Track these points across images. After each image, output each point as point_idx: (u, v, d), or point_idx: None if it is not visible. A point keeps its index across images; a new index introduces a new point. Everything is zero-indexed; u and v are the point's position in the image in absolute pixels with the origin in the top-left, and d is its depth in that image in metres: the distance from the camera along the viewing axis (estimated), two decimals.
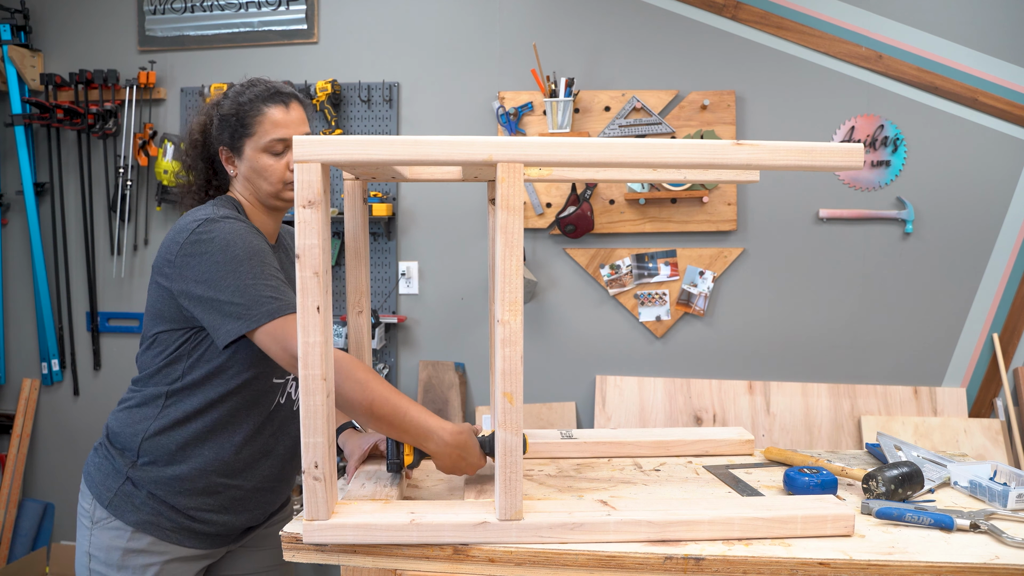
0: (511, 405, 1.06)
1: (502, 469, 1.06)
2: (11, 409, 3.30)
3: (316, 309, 1.08)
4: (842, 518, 1.10)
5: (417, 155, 1.06)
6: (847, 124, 2.80)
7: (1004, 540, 1.08)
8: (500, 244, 1.05)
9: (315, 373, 1.07)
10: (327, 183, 1.11)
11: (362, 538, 1.08)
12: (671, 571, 1.04)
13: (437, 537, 1.07)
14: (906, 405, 2.78)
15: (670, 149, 1.06)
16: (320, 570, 3.13)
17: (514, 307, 1.06)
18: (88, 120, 3.07)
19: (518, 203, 1.05)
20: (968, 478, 1.31)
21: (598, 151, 1.06)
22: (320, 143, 1.06)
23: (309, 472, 1.08)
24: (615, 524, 1.07)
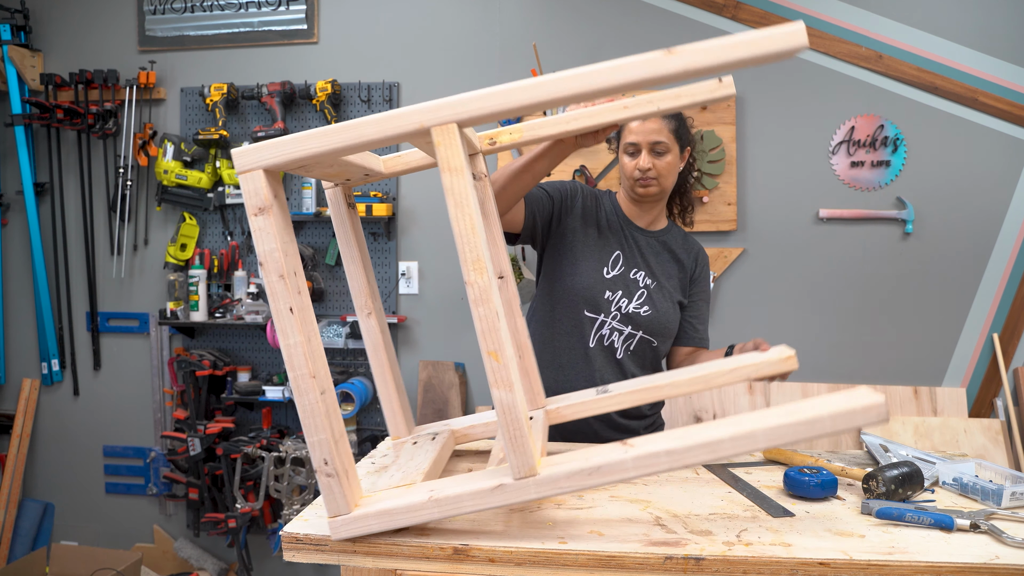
0: (498, 363, 1.04)
1: (505, 429, 1.05)
2: (11, 409, 3.30)
3: (289, 310, 1.06)
4: (873, 407, 1.00)
5: (351, 140, 1.04)
6: (847, 124, 2.80)
7: (1004, 540, 1.08)
8: (451, 207, 1.04)
9: (302, 373, 1.07)
10: (276, 186, 1.09)
11: (386, 524, 1.07)
12: (671, 571, 1.04)
13: (458, 508, 1.06)
14: (906, 405, 2.78)
15: (600, 75, 1.02)
16: (320, 570, 3.13)
17: (477, 265, 1.04)
18: (88, 120, 3.07)
19: (459, 163, 1.04)
20: (953, 476, 1.32)
21: (530, 92, 1.02)
22: (257, 150, 1.05)
23: (320, 471, 1.07)
24: (633, 460, 1.03)
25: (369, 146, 1.08)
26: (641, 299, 1.74)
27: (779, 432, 1.02)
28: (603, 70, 1.01)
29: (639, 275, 1.77)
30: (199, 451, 2.90)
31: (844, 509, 1.23)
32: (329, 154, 1.07)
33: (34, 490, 3.32)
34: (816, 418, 1.01)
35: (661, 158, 1.74)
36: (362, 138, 1.05)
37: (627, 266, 1.77)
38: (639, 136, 1.74)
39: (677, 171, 1.80)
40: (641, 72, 1.00)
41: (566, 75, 1.02)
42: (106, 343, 3.25)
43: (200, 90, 3.06)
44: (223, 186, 3.04)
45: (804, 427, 1.02)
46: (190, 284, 2.99)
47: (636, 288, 1.75)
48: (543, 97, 1.04)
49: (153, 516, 3.25)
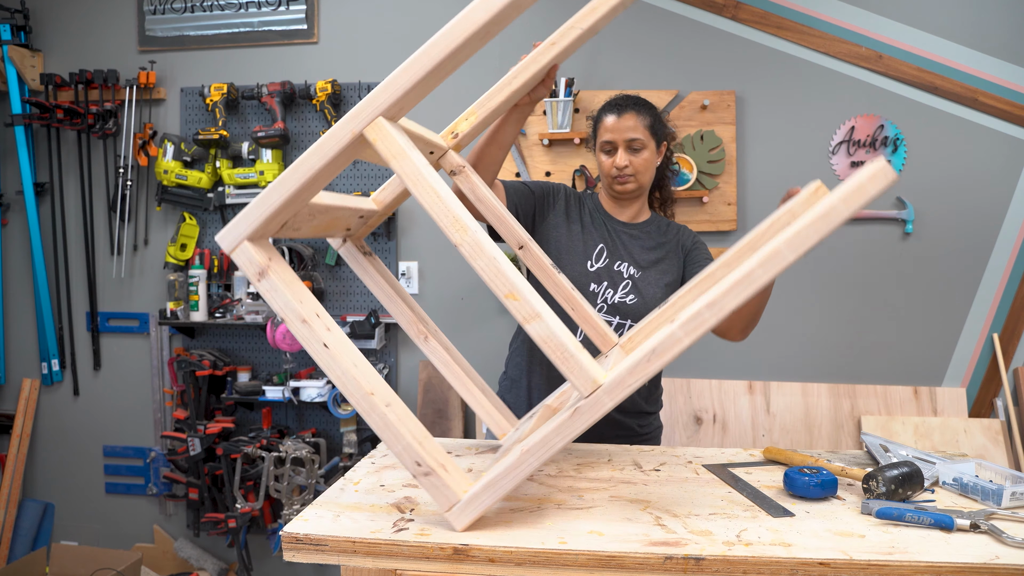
0: (517, 301, 1.04)
1: (554, 355, 1.04)
2: (11, 409, 3.30)
3: (324, 346, 1.08)
4: (879, 173, 1.00)
5: (305, 176, 1.05)
6: (847, 124, 2.81)
7: (1004, 540, 1.08)
8: (411, 187, 1.05)
9: (361, 395, 1.08)
10: (267, 248, 1.11)
11: (495, 493, 1.08)
12: (671, 571, 1.04)
13: (548, 448, 1.07)
14: (906, 405, 2.78)
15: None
16: (320, 570, 3.13)
17: (458, 226, 1.05)
18: (88, 120, 3.07)
19: (397, 149, 1.04)
20: (953, 476, 1.32)
21: (434, 51, 1.02)
22: (233, 226, 1.08)
23: (417, 474, 1.09)
24: (681, 328, 1.02)
25: (325, 176, 1.08)
26: (626, 289, 1.76)
27: (800, 238, 1.01)
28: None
29: (623, 266, 1.79)
30: (199, 451, 2.90)
31: (844, 509, 1.23)
32: (293, 200, 1.08)
33: (34, 490, 3.32)
34: (829, 208, 1.01)
35: (638, 155, 1.77)
36: (312, 170, 1.05)
37: (611, 258, 1.79)
38: (615, 134, 1.76)
39: (654, 166, 1.82)
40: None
41: (457, 17, 1.02)
42: (106, 343, 3.25)
43: (200, 90, 3.06)
44: (223, 186, 3.04)
45: (822, 222, 1.01)
46: (190, 284, 2.99)
47: (620, 279, 1.77)
48: (448, 46, 1.03)
49: (153, 516, 3.25)
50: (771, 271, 1.00)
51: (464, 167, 1.49)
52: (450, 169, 1.50)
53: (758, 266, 0.99)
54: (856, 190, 0.99)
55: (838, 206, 0.99)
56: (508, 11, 1.04)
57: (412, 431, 1.10)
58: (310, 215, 1.21)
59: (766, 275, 1.00)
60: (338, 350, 1.10)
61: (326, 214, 1.28)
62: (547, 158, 2.90)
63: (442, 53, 1.03)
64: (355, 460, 2.91)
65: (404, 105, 1.07)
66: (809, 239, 1.00)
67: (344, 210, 1.35)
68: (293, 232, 1.21)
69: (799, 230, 0.99)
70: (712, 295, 0.99)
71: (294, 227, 1.19)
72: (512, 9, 1.04)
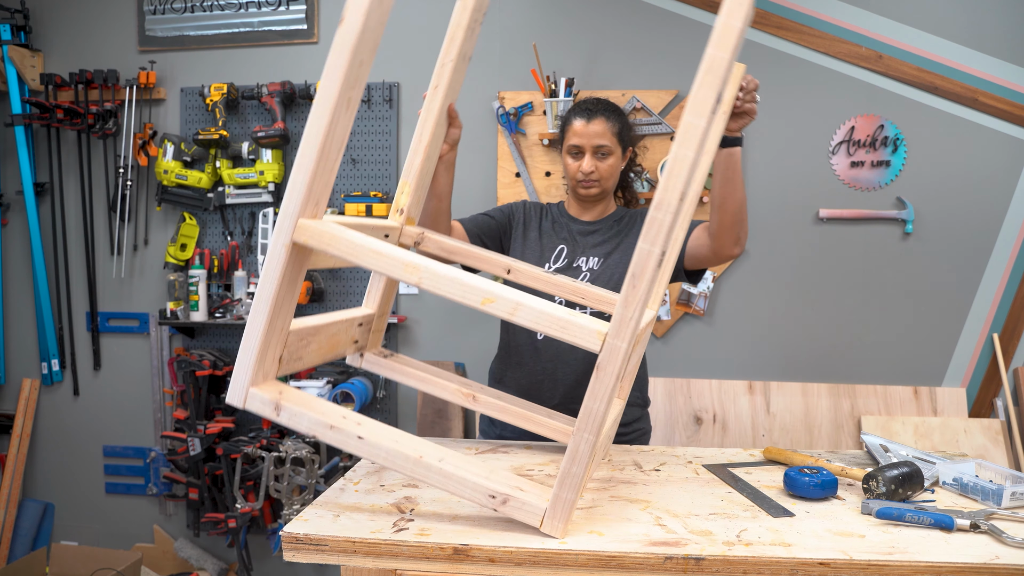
0: (495, 302, 1.05)
1: (554, 332, 1.04)
2: (11, 409, 3.30)
3: (359, 439, 1.14)
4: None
5: (266, 307, 1.09)
6: (847, 124, 2.80)
7: (1004, 540, 1.08)
8: (353, 259, 1.08)
9: (412, 463, 1.11)
10: (273, 385, 1.16)
11: (572, 484, 1.08)
12: (671, 571, 1.04)
13: (596, 416, 1.05)
14: (906, 405, 2.78)
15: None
16: (320, 570, 3.13)
17: (409, 268, 1.07)
18: (88, 120, 3.07)
19: (330, 236, 1.07)
20: (953, 476, 1.32)
21: (310, 142, 1.05)
22: (234, 382, 1.13)
23: (493, 506, 1.10)
24: (645, 240, 1.00)
25: (286, 299, 1.12)
26: (584, 280, 1.77)
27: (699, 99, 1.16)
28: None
29: (582, 261, 1.81)
30: (199, 451, 2.90)
31: (844, 509, 1.23)
32: (270, 332, 1.11)
33: (34, 490, 3.32)
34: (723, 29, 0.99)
35: (604, 160, 1.79)
36: (270, 296, 1.09)
37: (571, 257, 1.82)
38: (582, 139, 1.78)
39: (619, 171, 1.85)
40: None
41: (309, 121, 1.06)
42: (106, 343, 3.25)
43: (200, 90, 3.06)
44: (223, 186, 3.04)
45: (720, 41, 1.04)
46: (190, 284, 2.99)
47: (579, 273, 1.79)
48: (317, 139, 1.06)
49: (153, 516, 3.25)
50: (694, 139, 0.98)
51: (423, 234, 1.53)
52: (412, 242, 1.53)
53: (680, 144, 0.98)
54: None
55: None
56: (343, 104, 1.07)
57: (473, 471, 1.11)
58: (302, 342, 1.24)
59: (692, 141, 0.98)
60: (374, 437, 1.12)
61: (320, 335, 1.30)
62: (547, 158, 2.90)
63: (315, 149, 1.05)
64: (355, 460, 2.91)
65: (316, 200, 1.10)
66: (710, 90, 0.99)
67: (337, 324, 1.37)
68: (298, 365, 1.24)
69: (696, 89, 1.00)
70: (657, 197, 0.99)
71: (296, 358, 1.23)
72: (345, 111, 1.08)
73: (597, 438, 1.05)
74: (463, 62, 1.50)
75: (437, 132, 1.54)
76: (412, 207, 1.53)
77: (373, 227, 1.37)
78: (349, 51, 1.04)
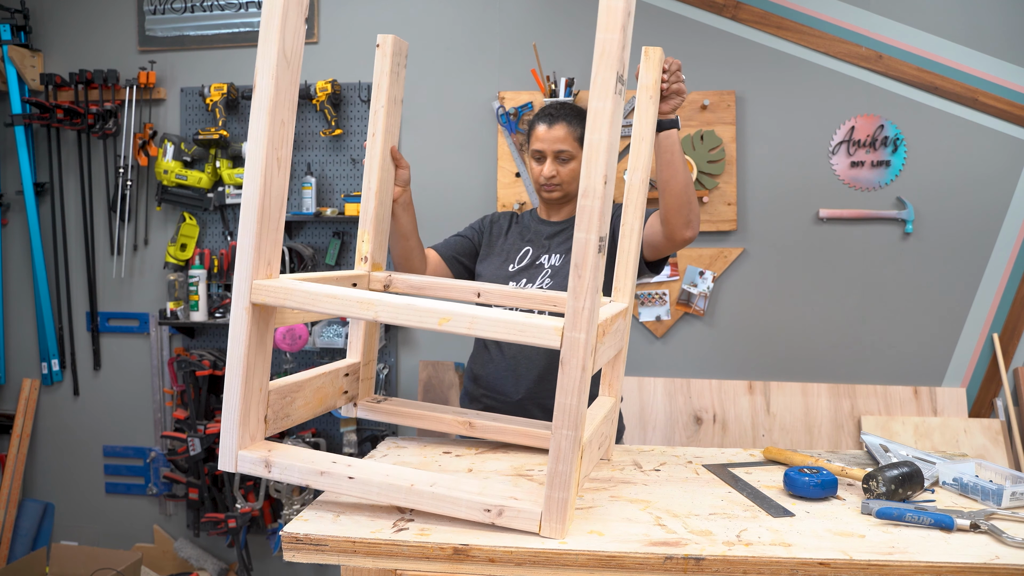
0: (451, 320, 1.08)
1: (513, 336, 1.07)
2: (11, 409, 3.30)
3: (350, 479, 1.21)
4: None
5: (239, 367, 1.17)
6: (847, 124, 2.80)
7: (1004, 540, 1.08)
8: (312, 307, 1.14)
9: (405, 493, 1.14)
10: (261, 445, 1.21)
11: (563, 482, 1.08)
12: (671, 571, 1.04)
13: (572, 412, 1.05)
14: (906, 405, 2.78)
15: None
16: (320, 570, 3.13)
17: (363, 304, 1.11)
18: (88, 120, 3.07)
19: (284, 291, 1.15)
20: (953, 476, 1.32)
21: (249, 210, 1.15)
22: (223, 449, 1.20)
23: (490, 520, 1.11)
24: (580, 230, 1.03)
25: (259, 359, 1.18)
26: (545, 276, 1.81)
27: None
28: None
29: (545, 259, 1.83)
30: (199, 451, 2.90)
31: (844, 509, 1.23)
32: (248, 394, 1.18)
33: (34, 490, 3.32)
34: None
35: (565, 165, 1.82)
36: (241, 358, 1.17)
37: (534, 257, 1.84)
38: (544, 144, 1.80)
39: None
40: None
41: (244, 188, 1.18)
42: (106, 343, 3.25)
43: (200, 90, 3.06)
44: (223, 186, 3.04)
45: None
46: (190, 284, 2.99)
47: (540, 271, 1.82)
48: (255, 204, 1.13)
49: (153, 516, 3.25)
50: (603, 122, 1.00)
51: (390, 276, 1.59)
52: (382, 286, 1.59)
53: (591, 130, 1.00)
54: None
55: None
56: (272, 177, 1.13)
57: (466, 489, 1.13)
58: (286, 399, 1.28)
59: (601, 125, 1.00)
60: (364, 474, 1.15)
61: (304, 390, 1.34)
62: None
63: (255, 212, 1.11)
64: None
65: (268, 260, 1.15)
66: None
67: (321, 377, 1.42)
68: (286, 422, 1.29)
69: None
70: (581, 186, 1.02)
71: (282, 416, 1.27)
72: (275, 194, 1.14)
73: (578, 433, 1.05)
74: (395, 105, 1.57)
75: (385, 177, 1.58)
76: (375, 253, 1.58)
77: (339, 278, 1.43)
78: (267, 114, 1.10)
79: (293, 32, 1.12)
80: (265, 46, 1.10)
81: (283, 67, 1.10)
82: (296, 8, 1.12)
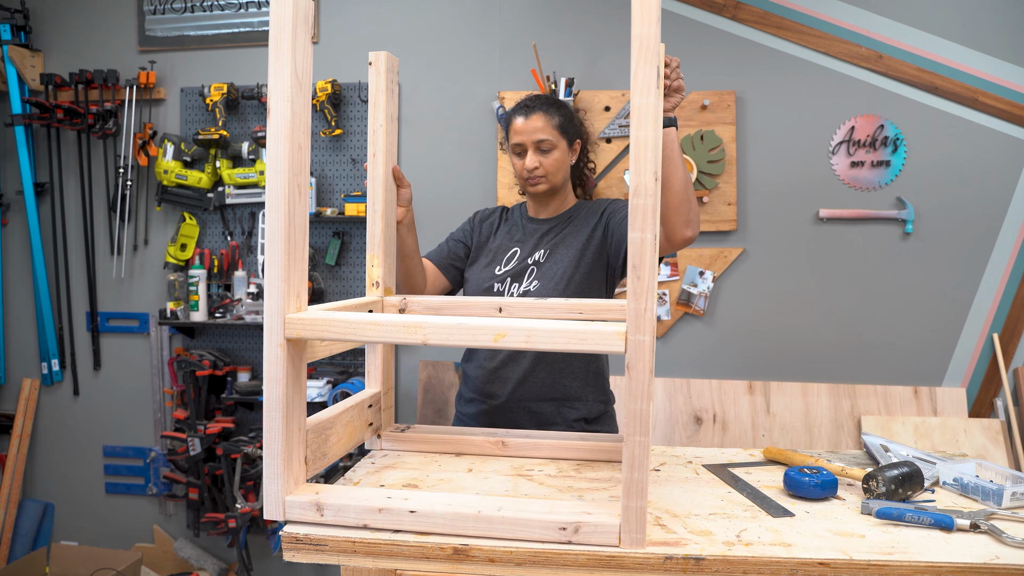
0: (505, 336, 1.06)
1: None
2: (11, 409, 3.30)
3: (411, 513, 1.12)
4: None
5: (278, 410, 1.11)
6: (847, 124, 2.80)
7: (1004, 540, 1.08)
8: (353, 338, 1.10)
9: (474, 520, 1.09)
10: (307, 488, 1.16)
11: (639, 491, 1.05)
12: (671, 571, 1.04)
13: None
14: (906, 405, 2.78)
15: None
16: (320, 570, 3.13)
17: (411, 329, 1.07)
18: (88, 120, 3.07)
19: (320, 325, 1.09)
20: (953, 476, 1.31)
21: (274, 243, 1.16)
22: (268, 497, 1.13)
23: (566, 538, 1.07)
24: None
25: (296, 400, 1.13)
26: (531, 275, 1.78)
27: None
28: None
29: (531, 257, 1.81)
30: (199, 451, 2.90)
31: (844, 509, 1.23)
32: (289, 439, 1.14)
33: (34, 490, 3.32)
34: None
35: (547, 155, 1.78)
36: (280, 399, 1.11)
37: (523, 257, 1.82)
38: (523, 136, 1.77)
39: (567, 165, 1.83)
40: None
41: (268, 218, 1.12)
42: (106, 343, 3.25)
43: (200, 90, 3.06)
44: (223, 186, 3.04)
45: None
46: (190, 284, 2.99)
47: (526, 268, 1.80)
48: (279, 238, 1.09)
49: (153, 516, 3.25)
50: (649, 118, 0.99)
51: (405, 300, 1.57)
52: (397, 310, 1.57)
53: (637, 126, 0.99)
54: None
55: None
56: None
57: (535, 509, 1.10)
58: (321, 437, 1.25)
59: (647, 121, 0.99)
60: (426, 506, 1.10)
61: (336, 425, 1.32)
62: None
63: (281, 243, 1.08)
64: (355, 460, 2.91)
65: (296, 292, 1.12)
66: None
67: (350, 411, 1.39)
68: (323, 462, 1.26)
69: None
70: (632, 184, 1.00)
71: (320, 456, 1.24)
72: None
73: (648, 438, 1.04)
74: (392, 123, 1.55)
75: (388, 197, 1.56)
76: (386, 277, 1.56)
77: (355, 306, 1.40)
78: (285, 139, 1.06)
79: (303, 51, 1.09)
80: (277, 67, 1.06)
81: (296, 88, 1.07)
82: (304, 26, 1.09)
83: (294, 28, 1.07)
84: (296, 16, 1.07)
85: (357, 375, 3.02)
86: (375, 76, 1.51)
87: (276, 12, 1.06)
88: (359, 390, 2.91)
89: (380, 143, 1.53)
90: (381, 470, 1.41)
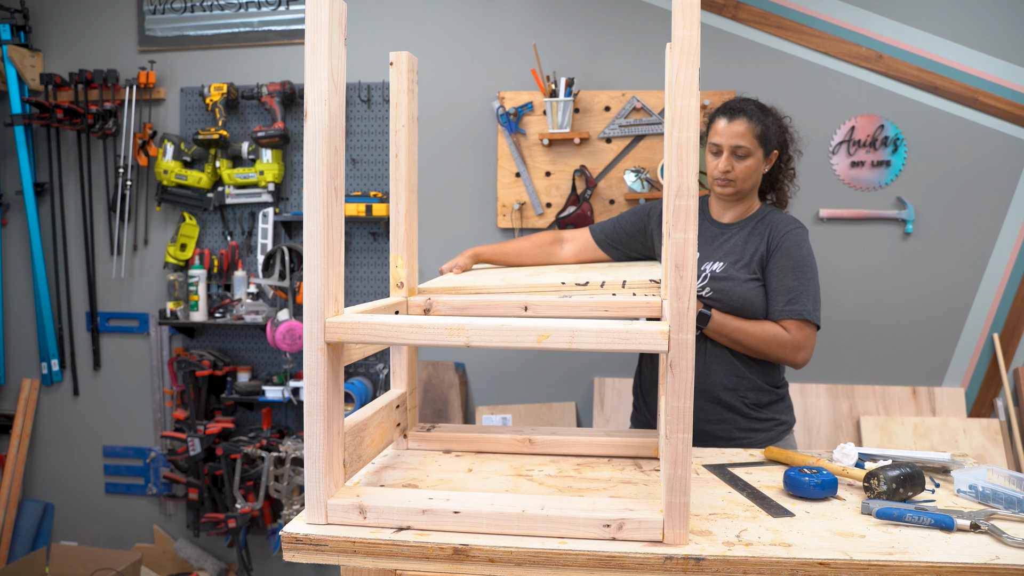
0: (550, 336, 1.05)
1: (619, 345, 1.05)
2: (11, 409, 3.30)
3: (455, 513, 1.13)
4: None
5: (319, 417, 1.11)
6: (847, 124, 2.80)
7: (1004, 540, 1.08)
8: (395, 341, 1.10)
9: (518, 520, 1.10)
10: (347, 492, 1.16)
11: (682, 488, 1.06)
12: (671, 571, 1.04)
13: (684, 414, 1.04)
14: (904, 405, 2.78)
15: None
16: (320, 570, 3.13)
17: (452, 331, 1.08)
18: (88, 120, 3.07)
19: (362, 327, 1.10)
20: (968, 483, 1.30)
21: (314, 245, 1.09)
22: (309, 508, 1.13)
23: (611, 535, 1.08)
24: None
25: (335, 408, 1.12)
26: (704, 280, 1.80)
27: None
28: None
29: (707, 266, 1.82)
30: (199, 451, 2.90)
31: (844, 509, 1.23)
32: (329, 444, 1.13)
33: (34, 490, 3.32)
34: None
35: (741, 161, 1.79)
36: (321, 405, 1.10)
37: (700, 262, 1.82)
38: (723, 138, 1.79)
39: (759, 173, 1.85)
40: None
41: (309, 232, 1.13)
42: (106, 343, 3.25)
43: (200, 90, 3.06)
44: (223, 186, 3.04)
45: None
46: (190, 284, 2.99)
47: (702, 276, 1.82)
48: (318, 242, 1.09)
49: (153, 516, 3.25)
50: (690, 120, 1.01)
51: (429, 300, 1.56)
52: (422, 310, 1.56)
53: (679, 128, 1.00)
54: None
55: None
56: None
57: (578, 507, 1.10)
58: (357, 439, 1.25)
59: (689, 123, 1.01)
60: (469, 506, 1.10)
61: (370, 427, 1.32)
62: (547, 158, 2.90)
63: (320, 246, 1.08)
64: None
65: (335, 296, 1.12)
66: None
67: (381, 412, 1.39)
68: (359, 464, 1.26)
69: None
70: (675, 185, 1.01)
71: (356, 458, 1.24)
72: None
73: (691, 435, 1.04)
74: (413, 123, 1.54)
75: (412, 199, 1.55)
76: (410, 278, 1.56)
77: (382, 308, 1.38)
78: (324, 143, 1.06)
79: (339, 54, 1.08)
80: (314, 70, 1.05)
81: (332, 91, 1.06)
82: (339, 29, 1.08)
83: (330, 31, 1.06)
84: (332, 19, 1.06)
85: (357, 375, 3.02)
86: (396, 76, 1.50)
87: (312, 15, 1.05)
88: (359, 390, 2.91)
89: (402, 144, 1.52)
90: (381, 470, 1.41)
